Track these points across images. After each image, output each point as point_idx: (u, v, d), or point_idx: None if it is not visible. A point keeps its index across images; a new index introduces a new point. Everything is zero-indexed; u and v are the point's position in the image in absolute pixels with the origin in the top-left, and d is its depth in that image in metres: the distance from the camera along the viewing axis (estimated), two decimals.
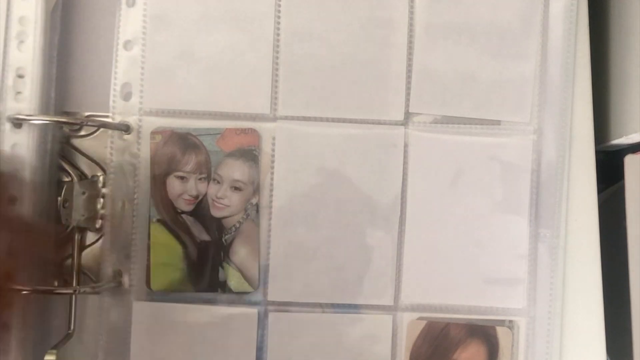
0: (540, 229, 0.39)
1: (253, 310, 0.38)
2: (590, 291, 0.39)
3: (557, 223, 0.39)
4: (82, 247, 0.39)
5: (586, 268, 0.39)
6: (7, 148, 0.37)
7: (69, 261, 0.39)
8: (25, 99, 0.37)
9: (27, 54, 0.37)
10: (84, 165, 0.39)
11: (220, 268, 0.38)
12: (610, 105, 0.43)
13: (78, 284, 0.38)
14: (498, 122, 0.39)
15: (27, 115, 0.37)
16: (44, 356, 0.36)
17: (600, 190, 0.40)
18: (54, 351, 0.36)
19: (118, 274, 0.38)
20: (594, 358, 0.39)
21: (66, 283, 0.39)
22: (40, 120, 0.37)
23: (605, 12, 0.44)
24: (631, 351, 0.38)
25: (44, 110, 0.38)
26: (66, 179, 0.39)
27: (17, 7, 0.37)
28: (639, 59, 0.39)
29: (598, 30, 0.44)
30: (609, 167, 0.44)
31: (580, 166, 0.40)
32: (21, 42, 0.37)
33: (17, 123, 0.37)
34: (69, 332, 0.38)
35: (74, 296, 0.38)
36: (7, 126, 0.37)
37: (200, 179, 0.38)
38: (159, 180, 0.38)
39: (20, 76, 0.37)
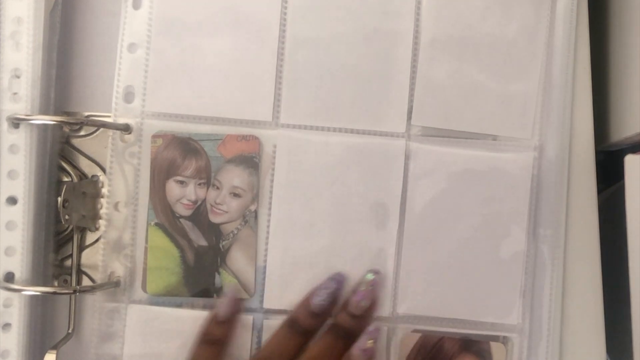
0: (540, 229, 0.39)
1: (248, 317, 0.38)
2: (590, 291, 0.39)
3: (557, 223, 0.39)
4: (82, 247, 0.39)
5: (586, 268, 0.39)
6: (4, 148, 0.37)
7: (69, 261, 0.39)
8: (21, 99, 0.37)
9: (22, 55, 0.37)
10: (84, 165, 0.39)
11: (216, 274, 0.38)
12: (610, 105, 0.42)
13: (78, 284, 0.39)
14: (499, 137, 0.39)
15: (27, 115, 0.36)
16: (44, 356, 0.37)
17: (600, 190, 0.40)
18: (54, 351, 0.37)
19: (115, 276, 0.39)
20: (594, 358, 0.39)
21: (66, 283, 0.39)
22: (39, 120, 0.36)
23: (605, 12, 0.44)
24: (631, 351, 0.38)
25: (43, 110, 0.37)
26: (66, 179, 0.39)
27: (11, 8, 0.37)
28: (639, 59, 0.38)
29: (598, 30, 0.43)
30: (609, 167, 0.44)
31: (580, 166, 0.39)
32: (16, 42, 0.37)
33: (15, 123, 0.36)
34: (69, 332, 0.38)
35: (73, 296, 0.38)
36: (5, 126, 0.37)
37: (199, 184, 0.38)
38: (158, 184, 0.38)
39: (16, 77, 0.37)
